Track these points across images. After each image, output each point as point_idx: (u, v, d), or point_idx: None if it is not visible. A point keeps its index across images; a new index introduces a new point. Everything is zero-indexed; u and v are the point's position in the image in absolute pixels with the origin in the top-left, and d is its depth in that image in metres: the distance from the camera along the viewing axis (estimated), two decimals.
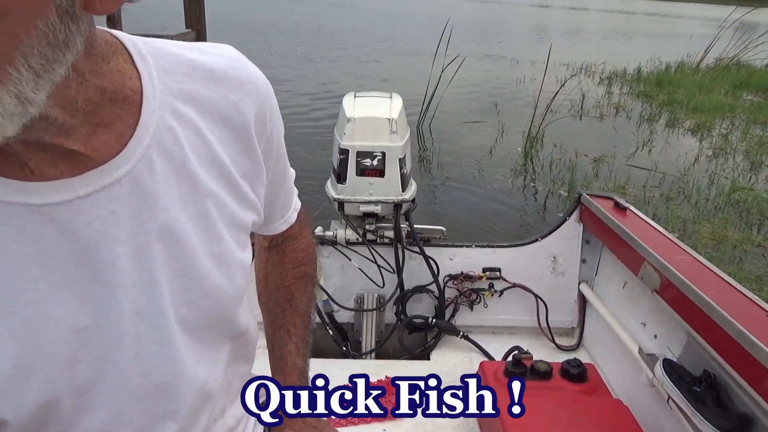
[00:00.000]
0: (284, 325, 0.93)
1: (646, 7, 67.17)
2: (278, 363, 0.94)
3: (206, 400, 0.72)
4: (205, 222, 0.64)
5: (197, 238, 0.63)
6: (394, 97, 2.11)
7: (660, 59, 13.70)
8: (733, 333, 1.21)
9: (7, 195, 0.51)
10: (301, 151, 6.13)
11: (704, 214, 4.97)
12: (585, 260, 2.09)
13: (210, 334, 0.70)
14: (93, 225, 0.55)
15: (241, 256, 0.71)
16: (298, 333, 0.94)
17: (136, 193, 0.57)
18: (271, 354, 0.95)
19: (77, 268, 0.55)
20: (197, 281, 0.64)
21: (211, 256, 0.65)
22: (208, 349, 0.70)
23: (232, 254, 0.69)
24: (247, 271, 0.75)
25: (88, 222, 0.55)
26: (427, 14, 27.51)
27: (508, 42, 18.33)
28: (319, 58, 12.62)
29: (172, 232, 0.61)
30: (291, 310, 0.93)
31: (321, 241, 2.04)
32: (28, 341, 0.54)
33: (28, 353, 0.54)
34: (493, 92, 9.93)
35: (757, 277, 3.94)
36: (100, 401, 0.60)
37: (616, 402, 1.59)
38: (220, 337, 0.73)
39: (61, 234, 0.54)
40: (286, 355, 0.93)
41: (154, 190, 0.59)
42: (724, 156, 6.83)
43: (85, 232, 0.55)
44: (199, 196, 0.63)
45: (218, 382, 0.74)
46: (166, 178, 0.60)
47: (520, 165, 6.17)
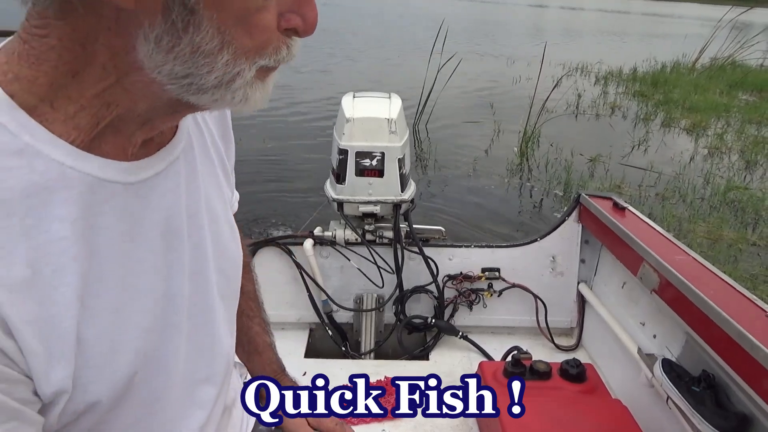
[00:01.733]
0: (243, 312, 0.99)
1: (641, 6, 67.35)
2: (251, 344, 1.02)
3: (230, 368, 0.78)
4: (220, 192, 0.74)
5: (220, 207, 0.73)
6: (393, 97, 2.11)
7: (656, 59, 13.74)
8: (732, 333, 1.21)
9: (113, 175, 0.55)
10: (300, 151, 6.13)
11: (699, 214, 4.99)
12: (584, 260, 2.10)
13: (232, 302, 0.77)
14: (166, 198, 0.61)
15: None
16: (259, 315, 1.03)
17: (187, 167, 0.65)
18: (240, 339, 1.00)
19: (157, 239, 0.60)
20: (222, 247, 0.71)
21: (227, 224, 0.75)
22: (231, 316, 0.77)
23: (234, 222, 0.79)
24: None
25: (163, 195, 0.61)
26: (422, 14, 27.51)
27: (503, 41, 18.35)
28: (315, 58, 12.61)
29: (209, 200, 0.69)
30: (244, 296, 0.97)
31: (320, 241, 2.04)
32: (123, 314, 0.57)
33: (122, 327, 0.57)
34: (488, 92, 9.94)
35: (752, 276, 3.96)
36: (161, 369, 0.62)
37: (615, 402, 1.59)
38: (234, 306, 0.80)
39: (146, 208, 0.59)
40: (255, 335, 1.02)
41: (195, 164, 0.67)
42: (720, 155, 6.86)
43: (161, 204, 0.61)
44: (215, 170, 0.73)
45: (234, 350, 0.81)
46: (199, 153, 0.68)
47: (516, 164, 6.18)
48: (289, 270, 2.07)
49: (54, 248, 0.50)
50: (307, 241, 2.02)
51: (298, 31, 0.54)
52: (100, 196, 0.54)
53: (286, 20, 0.53)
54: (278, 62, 0.54)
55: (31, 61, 0.50)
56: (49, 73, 0.50)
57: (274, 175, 5.47)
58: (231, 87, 0.52)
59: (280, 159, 5.97)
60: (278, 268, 2.07)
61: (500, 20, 30.27)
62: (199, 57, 0.49)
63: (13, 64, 0.50)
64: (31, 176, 0.49)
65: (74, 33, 0.49)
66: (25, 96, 0.49)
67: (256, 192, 5.11)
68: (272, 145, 6.39)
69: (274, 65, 0.54)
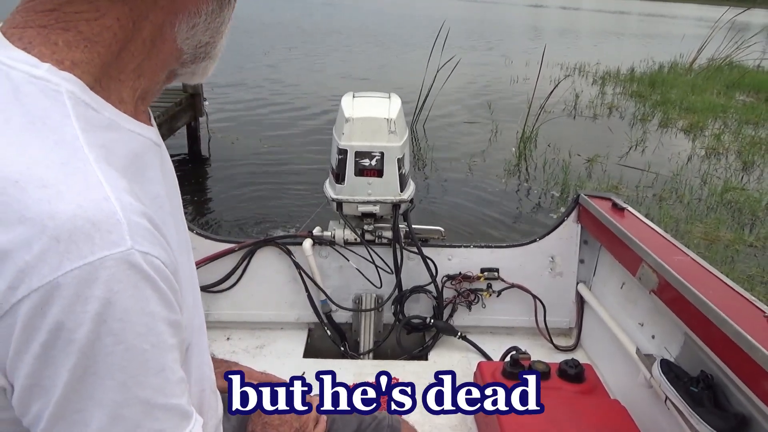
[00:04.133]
0: None
1: (639, 7, 67.45)
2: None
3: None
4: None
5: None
6: (393, 97, 2.10)
7: (653, 59, 13.78)
8: (730, 333, 1.22)
9: (158, 139, 0.62)
10: (300, 151, 6.13)
11: (697, 214, 5.01)
12: (583, 261, 2.10)
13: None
14: (169, 161, 0.68)
15: None
16: None
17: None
18: None
19: (176, 197, 0.68)
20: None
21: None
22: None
23: None
24: None
25: (168, 159, 0.67)
26: (422, 14, 27.50)
27: (502, 42, 18.36)
28: (313, 58, 12.60)
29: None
30: None
31: (319, 241, 2.04)
32: (186, 263, 0.64)
33: (189, 273, 0.64)
34: (487, 92, 9.95)
35: (749, 277, 3.97)
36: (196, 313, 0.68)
37: (614, 402, 1.60)
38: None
39: (169, 169, 0.66)
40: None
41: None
42: (717, 156, 6.88)
43: (170, 166, 0.67)
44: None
45: None
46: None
47: (514, 165, 6.19)
48: (288, 270, 2.07)
49: (157, 205, 0.57)
50: (306, 241, 2.02)
51: None
52: (159, 157, 0.62)
53: None
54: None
55: (84, 45, 0.53)
56: (102, 53, 0.54)
57: (273, 175, 5.48)
58: (215, 57, 0.64)
59: (280, 159, 5.97)
60: (277, 268, 2.07)
61: (498, 20, 30.29)
62: (222, 26, 0.61)
63: (63, 52, 0.52)
64: (128, 145, 0.56)
65: (131, 12, 0.54)
66: (86, 78, 0.53)
67: (255, 191, 5.11)
68: (272, 145, 6.40)
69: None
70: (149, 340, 0.48)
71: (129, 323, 0.47)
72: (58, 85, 0.51)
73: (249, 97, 8.56)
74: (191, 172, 5.81)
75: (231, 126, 7.00)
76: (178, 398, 0.52)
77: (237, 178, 5.43)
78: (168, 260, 0.52)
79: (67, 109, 0.50)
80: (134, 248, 0.47)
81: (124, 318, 0.47)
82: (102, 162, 0.50)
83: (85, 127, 0.51)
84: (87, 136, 0.50)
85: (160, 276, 0.50)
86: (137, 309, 0.48)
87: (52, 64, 0.51)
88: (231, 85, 9.09)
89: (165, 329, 0.50)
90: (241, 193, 5.09)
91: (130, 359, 0.47)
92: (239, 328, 2.12)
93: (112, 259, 0.46)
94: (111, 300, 0.46)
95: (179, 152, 5.96)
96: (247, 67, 10.71)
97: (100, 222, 0.46)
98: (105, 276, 0.46)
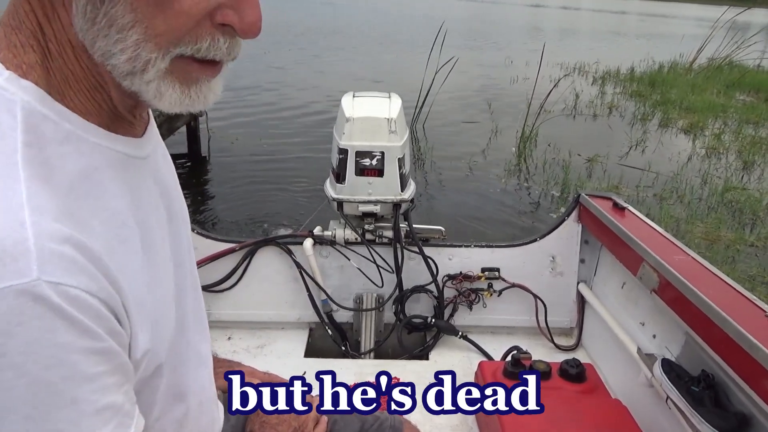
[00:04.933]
0: None
1: (639, 7, 67.44)
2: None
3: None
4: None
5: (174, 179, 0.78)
6: (393, 97, 2.10)
7: (653, 59, 13.77)
8: (731, 333, 1.22)
9: (134, 151, 0.60)
10: (300, 150, 6.13)
11: (697, 214, 5.00)
12: (584, 260, 2.10)
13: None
14: (161, 171, 0.67)
15: None
16: None
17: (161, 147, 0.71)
18: None
19: (164, 209, 0.66)
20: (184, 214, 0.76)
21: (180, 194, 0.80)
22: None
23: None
24: None
25: (159, 169, 0.66)
26: (421, 14, 27.50)
27: (501, 42, 18.36)
28: (313, 57, 12.60)
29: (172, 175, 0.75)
30: None
31: (320, 240, 2.04)
32: (164, 279, 0.62)
33: (165, 290, 0.62)
34: (486, 92, 9.95)
35: (750, 276, 3.97)
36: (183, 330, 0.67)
37: (615, 402, 1.60)
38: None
39: (155, 181, 0.65)
40: None
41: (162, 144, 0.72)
42: (717, 156, 6.88)
43: (161, 177, 0.66)
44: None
45: None
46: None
47: (514, 165, 6.19)
48: (289, 269, 2.07)
49: (115, 223, 0.55)
50: (307, 240, 2.02)
51: (235, 30, 0.53)
52: (131, 170, 0.59)
53: (222, 15, 0.52)
54: (198, 53, 0.53)
55: (30, 45, 0.51)
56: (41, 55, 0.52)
57: (274, 175, 5.48)
58: (144, 77, 0.52)
59: (280, 158, 5.97)
60: (278, 267, 2.07)
61: (498, 20, 30.29)
62: (114, 31, 0.50)
63: (21, 55, 0.51)
64: (84, 159, 0.53)
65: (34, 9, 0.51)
66: (43, 84, 0.51)
67: (255, 191, 5.11)
68: (272, 145, 6.40)
69: (192, 54, 0.53)
70: (59, 373, 0.46)
71: (33, 356, 0.44)
72: (14, 94, 0.49)
73: (249, 97, 8.56)
74: (191, 171, 5.81)
75: (231, 126, 6.99)
76: (98, 429, 0.49)
77: (237, 177, 5.43)
78: (97, 287, 0.49)
79: (16, 122, 0.49)
80: (41, 279, 0.45)
81: (26, 351, 0.44)
82: (36, 180, 0.48)
83: (31, 141, 0.49)
84: (29, 151, 0.48)
85: (77, 306, 0.47)
86: (43, 341, 0.45)
87: (13, 71, 0.50)
88: (231, 85, 9.10)
89: (80, 359, 0.47)
90: (241, 192, 5.09)
91: (36, 392, 0.45)
92: (240, 328, 2.12)
93: (13, 291, 0.44)
94: (11, 332, 0.43)
95: (179, 152, 5.95)
96: (247, 66, 10.71)
97: (8, 249, 0.44)
98: (3, 308, 0.43)
